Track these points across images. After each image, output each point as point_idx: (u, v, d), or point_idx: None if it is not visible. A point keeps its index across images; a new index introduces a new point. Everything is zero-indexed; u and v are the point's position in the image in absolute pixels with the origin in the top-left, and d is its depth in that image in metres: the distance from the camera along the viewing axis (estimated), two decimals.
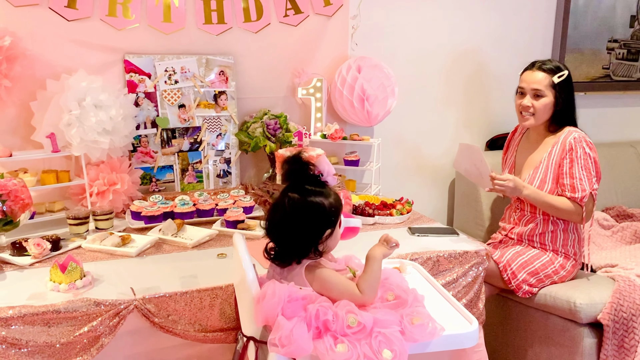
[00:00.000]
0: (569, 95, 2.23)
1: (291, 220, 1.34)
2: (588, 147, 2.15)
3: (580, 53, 3.26)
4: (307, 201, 1.34)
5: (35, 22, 2.18)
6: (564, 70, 2.21)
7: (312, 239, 1.36)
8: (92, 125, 2.10)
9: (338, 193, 1.43)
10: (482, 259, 2.00)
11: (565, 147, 2.16)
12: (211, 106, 2.51)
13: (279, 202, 1.37)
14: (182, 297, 1.60)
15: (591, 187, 2.13)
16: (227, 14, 2.48)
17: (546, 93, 2.19)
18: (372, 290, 1.35)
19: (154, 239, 1.98)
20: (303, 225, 1.35)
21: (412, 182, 3.08)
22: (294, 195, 1.35)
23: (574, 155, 2.14)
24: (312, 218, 1.35)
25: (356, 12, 2.72)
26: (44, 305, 1.48)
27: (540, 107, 2.20)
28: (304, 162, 1.38)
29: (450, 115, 3.09)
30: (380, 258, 1.38)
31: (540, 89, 2.19)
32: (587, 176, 2.13)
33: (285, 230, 1.36)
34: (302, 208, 1.34)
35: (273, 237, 1.40)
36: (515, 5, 3.07)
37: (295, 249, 1.36)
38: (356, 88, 2.58)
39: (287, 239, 1.36)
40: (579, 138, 2.16)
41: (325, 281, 1.34)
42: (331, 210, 1.36)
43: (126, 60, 2.35)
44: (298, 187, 1.36)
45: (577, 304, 2.08)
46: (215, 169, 2.56)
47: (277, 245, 1.40)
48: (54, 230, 2.06)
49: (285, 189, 1.38)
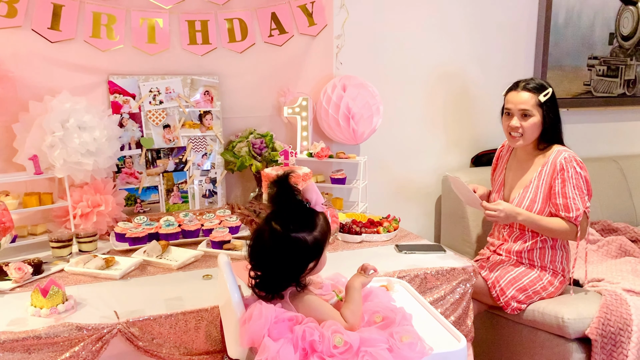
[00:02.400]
0: (555, 113, 2.23)
1: (272, 253, 1.31)
2: (579, 166, 2.16)
3: (562, 70, 3.31)
4: (289, 237, 1.30)
5: (18, 43, 2.17)
6: (548, 88, 2.22)
7: (294, 273, 1.34)
8: (75, 147, 2.08)
9: (325, 216, 1.39)
10: (469, 275, 1.99)
11: (557, 167, 2.17)
12: (196, 126, 2.51)
13: (262, 231, 1.33)
14: (167, 320, 1.57)
15: (584, 206, 2.14)
16: (211, 35, 2.49)
17: (534, 112, 2.19)
18: (355, 317, 1.35)
19: (139, 261, 1.95)
20: (284, 260, 1.31)
21: (399, 200, 3.09)
22: (276, 227, 1.30)
23: (566, 176, 2.14)
24: (293, 254, 1.31)
25: (340, 31, 2.74)
26: (25, 331, 1.44)
27: (529, 127, 2.20)
28: (291, 188, 1.34)
29: (436, 132, 3.12)
30: (359, 287, 1.40)
31: (528, 108, 2.19)
32: (580, 195, 2.13)
33: (266, 262, 1.33)
34: (284, 243, 1.30)
35: (255, 265, 1.36)
36: (496, 25, 3.12)
37: (277, 282, 1.34)
38: (341, 106, 2.60)
39: (269, 270, 1.34)
40: (569, 158, 2.16)
41: (310, 308, 1.33)
42: (315, 244, 1.32)
43: (110, 81, 2.34)
44: (282, 215, 1.32)
45: (565, 319, 2.08)
46: (201, 189, 2.55)
47: (260, 273, 1.36)
48: (37, 253, 2.03)
49: (269, 215, 1.34)
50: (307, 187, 1.36)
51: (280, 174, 1.37)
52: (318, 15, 2.66)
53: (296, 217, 1.32)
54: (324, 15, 2.68)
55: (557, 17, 3.22)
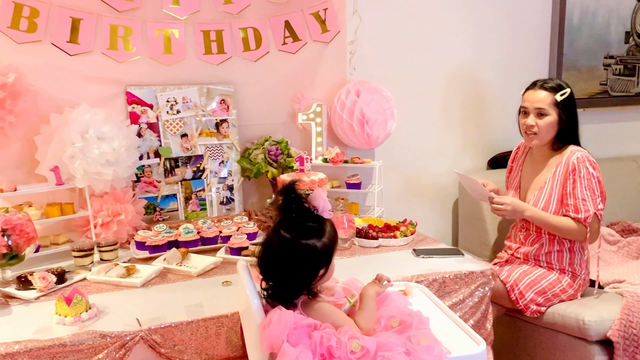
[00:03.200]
0: (572, 113, 2.22)
1: (282, 261, 1.32)
2: (592, 166, 2.14)
3: (577, 70, 3.28)
4: (299, 243, 1.31)
5: (38, 57, 2.22)
6: (566, 88, 2.21)
7: (305, 280, 1.34)
8: (95, 157, 2.12)
9: (333, 224, 1.39)
10: (488, 278, 1.99)
11: (569, 168, 2.15)
12: (213, 134, 2.54)
13: (271, 239, 1.34)
14: (187, 326, 1.59)
15: (595, 208, 2.11)
16: (226, 44, 2.52)
17: (549, 112, 2.18)
18: (368, 324, 1.36)
19: (159, 269, 1.98)
20: (294, 268, 1.32)
21: (415, 203, 3.08)
22: (285, 235, 1.31)
23: (577, 176, 2.13)
24: (303, 261, 1.32)
25: (353, 37, 2.76)
26: (50, 339, 1.47)
27: (544, 126, 2.19)
28: (298, 195, 1.34)
29: (451, 135, 3.11)
30: (373, 295, 1.41)
31: (544, 107, 2.18)
32: (591, 196, 2.11)
33: (276, 270, 1.34)
34: (294, 250, 1.31)
35: (265, 274, 1.37)
36: (510, 26, 3.11)
37: (288, 290, 1.34)
38: (355, 112, 2.61)
39: (279, 278, 1.35)
40: (582, 158, 2.15)
41: (323, 316, 1.33)
42: (324, 250, 1.33)
43: (128, 92, 2.38)
44: (290, 223, 1.33)
45: (585, 321, 2.06)
46: (219, 196, 2.57)
47: (270, 282, 1.37)
48: (59, 262, 2.07)
49: (277, 224, 1.35)
50: (314, 195, 1.37)
51: (286, 183, 1.38)
52: (331, 22, 2.68)
53: (304, 224, 1.33)
54: (337, 21, 2.70)
55: (571, 17, 3.20)
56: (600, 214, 2.14)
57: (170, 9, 2.40)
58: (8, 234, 1.82)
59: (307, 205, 1.35)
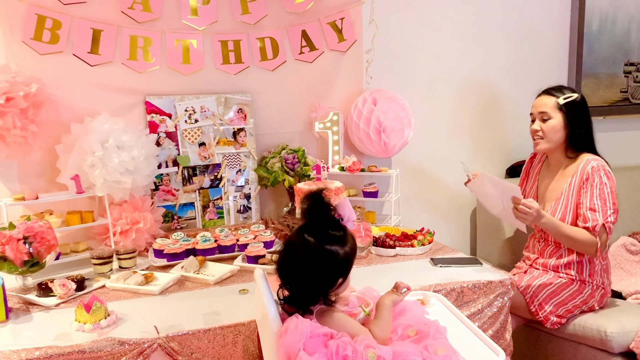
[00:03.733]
0: (583, 118, 2.19)
1: (303, 264, 1.31)
2: (606, 175, 2.10)
3: (597, 77, 3.25)
4: (323, 248, 1.30)
5: (59, 68, 2.27)
6: (572, 93, 2.19)
7: (323, 287, 1.34)
8: (114, 166, 2.15)
9: (354, 237, 1.39)
10: (507, 288, 1.96)
11: (583, 177, 2.12)
12: (230, 143, 2.56)
13: (294, 242, 1.34)
14: (205, 334, 1.60)
15: (604, 219, 2.06)
16: (244, 54, 2.54)
17: (552, 115, 2.17)
18: (383, 334, 1.35)
19: (177, 277, 1.99)
20: (315, 272, 1.31)
21: (433, 212, 3.07)
22: (310, 239, 1.31)
23: (590, 184, 2.10)
24: (325, 266, 1.31)
25: (370, 46, 2.77)
26: (70, 346, 1.49)
27: (548, 129, 2.18)
28: (325, 203, 1.34)
29: (469, 143, 3.09)
30: (390, 304, 1.40)
31: (546, 110, 2.18)
32: (602, 207, 2.07)
33: (296, 274, 1.33)
34: (317, 254, 1.30)
35: (283, 277, 1.36)
36: (528, 33, 3.10)
37: (305, 295, 1.34)
38: (372, 120, 2.61)
39: (298, 283, 1.34)
40: (598, 167, 2.11)
41: (339, 325, 1.32)
42: (346, 259, 1.33)
43: (147, 101, 2.42)
44: (315, 228, 1.33)
45: (607, 333, 2.03)
46: (236, 205, 2.59)
47: (287, 286, 1.37)
48: (79, 270, 2.09)
49: (301, 227, 1.35)
50: (341, 203, 1.37)
51: (314, 188, 1.38)
52: (347, 31, 2.70)
53: (328, 231, 1.33)
54: (354, 30, 2.71)
55: (590, 24, 3.17)
56: (609, 226, 2.07)
57: (189, 19, 2.43)
58: (29, 242, 1.85)
59: (334, 213, 1.35)
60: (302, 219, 1.37)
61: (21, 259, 1.83)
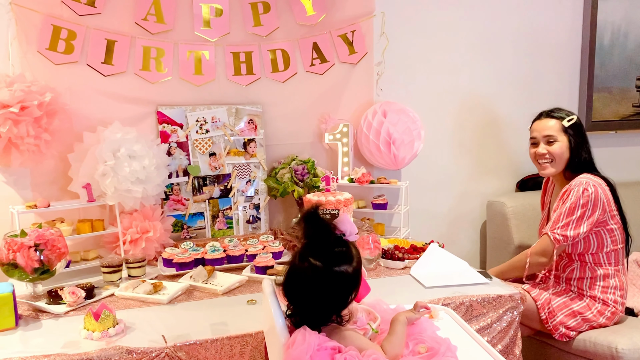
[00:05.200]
0: (582, 140, 2.21)
1: (314, 289, 1.28)
2: (577, 193, 2.07)
3: (609, 92, 3.23)
4: (332, 271, 1.27)
5: (73, 78, 2.30)
6: (572, 115, 2.22)
7: (337, 307, 1.31)
8: (126, 175, 2.16)
9: (357, 247, 1.35)
10: (517, 303, 1.94)
11: (562, 192, 2.15)
12: (241, 154, 2.57)
13: (299, 268, 1.29)
14: (212, 344, 1.60)
15: (551, 229, 2.11)
16: (255, 66, 2.56)
17: (559, 137, 2.19)
18: (395, 350, 1.32)
19: (185, 286, 2.00)
20: (327, 295, 1.28)
21: (442, 225, 3.06)
22: (316, 263, 1.26)
23: (562, 198, 2.14)
24: (337, 288, 1.28)
25: (380, 58, 2.78)
26: (78, 354, 1.50)
27: (557, 151, 2.19)
28: (323, 221, 1.31)
29: (479, 156, 3.08)
30: (404, 321, 1.37)
31: (552, 134, 2.19)
32: (555, 218, 2.11)
33: (306, 298, 1.30)
34: (327, 278, 1.27)
35: (292, 301, 1.33)
36: (540, 47, 3.10)
37: (317, 317, 1.31)
38: (382, 132, 2.61)
39: (308, 306, 1.31)
40: (578, 183, 2.10)
41: (348, 342, 1.30)
42: (355, 274, 1.30)
43: (159, 111, 2.44)
44: (318, 249, 1.29)
45: (619, 349, 2.00)
46: (245, 215, 2.59)
47: (296, 311, 1.33)
48: (89, 278, 2.11)
49: (304, 252, 1.29)
50: (340, 219, 1.33)
51: (308, 209, 1.34)
52: (358, 44, 2.71)
53: (333, 250, 1.30)
54: (364, 43, 2.73)
55: (602, 38, 3.16)
56: (555, 236, 2.09)
57: (201, 31, 2.46)
58: (40, 249, 1.86)
59: (334, 230, 1.33)
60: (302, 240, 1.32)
61: (32, 266, 1.85)
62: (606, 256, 2.15)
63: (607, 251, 2.14)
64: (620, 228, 2.15)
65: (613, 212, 2.13)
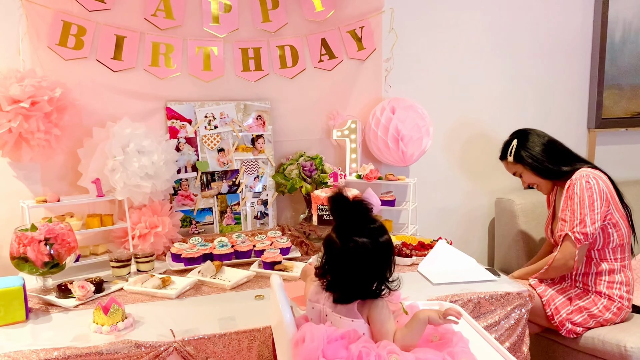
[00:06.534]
0: (540, 151, 2.25)
1: (367, 264, 1.31)
2: (580, 187, 2.09)
3: (619, 89, 3.21)
4: (379, 243, 1.32)
5: (83, 73, 2.31)
6: (511, 142, 2.32)
7: (386, 274, 1.35)
8: (135, 170, 2.17)
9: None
10: (525, 300, 1.94)
11: (566, 189, 2.17)
12: (249, 150, 2.57)
13: (345, 249, 1.31)
14: (220, 339, 1.61)
15: (570, 228, 2.08)
16: (264, 62, 2.56)
17: (519, 171, 2.33)
18: (405, 342, 1.33)
19: (194, 281, 2.01)
20: (378, 267, 1.33)
21: (450, 222, 3.05)
22: (364, 240, 1.30)
23: (566, 196, 2.15)
24: (385, 257, 1.33)
25: (389, 55, 2.77)
26: (87, 347, 1.51)
27: (530, 180, 2.33)
28: (357, 202, 1.35)
29: (487, 153, 3.06)
30: (425, 321, 1.35)
31: (513, 172, 2.37)
32: (570, 217, 2.10)
33: (359, 275, 1.32)
34: (376, 251, 1.31)
35: (341, 284, 1.34)
36: (550, 43, 3.08)
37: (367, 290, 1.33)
38: (390, 129, 2.61)
39: (362, 282, 1.33)
40: (576, 178, 2.13)
41: (380, 315, 1.33)
42: (391, 241, 1.37)
43: (168, 107, 2.45)
44: (360, 228, 1.32)
45: (627, 347, 1.99)
46: (253, 211, 2.60)
47: (346, 289, 1.34)
48: (98, 272, 2.12)
49: (344, 233, 1.32)
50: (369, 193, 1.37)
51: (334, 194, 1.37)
52: (367, 40, 2.70)
53: (373, 225, 1.34)
54: (373, 39, 2.72)
55: (613, 35, 3.14)
56: (576, 236, 2.07)
57: (210, 27, 2.46)
58: (50, 243, 1.88)
59: (367, 205, 1.35)
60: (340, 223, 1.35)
61: (42, 260, 1.86)
62: (612, 251, 2.14)
63: (612, 246, 2.14)
64: (626, 221, 2.15)
65: (617, 204, 2.12)
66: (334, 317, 1.35)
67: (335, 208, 1.36)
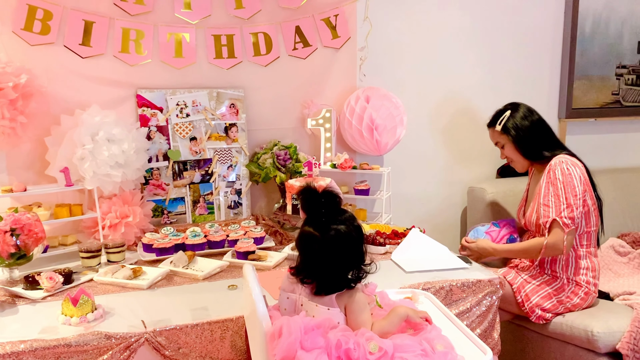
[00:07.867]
0: (527, 127, 2.26)
1: (347, 250, 1.35)
2: (561, 171, 2.13)
3: (589, 79, 3.26)
4: (355, 227, 1.36)
5: (50, 59, 2.24)
6: (504, 112, 2.31)
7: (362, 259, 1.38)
8: (104, 159, 2.13)
9: None
10: (495, 287, 1.97)
11: (546, 174, 2.18)
12: (222, 138, 2.54)
13: (325, 239, 1.33)
14: (192, 329, 1.59)
15: (557, 214, 2.09)
16: (237, 49, 2.53)
17: (502, 141, 2.33)
18: (382, 333, 1.35)
19: (165, 271, 1.98)
20: (357, 251, 1.37)
21: (424, 211, 3.07)
22: (342, 227, 1.34)
23: (546, 181, 2.17)
24: (360, 241, 1.37)
25: (364, 43, 2.76)
26: (55, 339, 1.48)
27: (509, 153, 2.34)
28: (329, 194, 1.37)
29: (460, 143, 3.10)
30: (403, 316, 1.39)
31: (497, 140, 2.37)
32: (555, 202, 2.11)
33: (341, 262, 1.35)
34: (355, 235, 1.35)
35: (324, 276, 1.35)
36: (522, 34, 3.10)
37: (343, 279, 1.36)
38: (365, 118, 2.61)
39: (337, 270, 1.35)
40: (555, 164, 2.16)
41: (357, 307, 1.35)
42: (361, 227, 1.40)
43: (139, 94, 2.40)
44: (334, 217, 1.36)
45: (594, 332, 2.04)
46: (226, 200, 2.58)
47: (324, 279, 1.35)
48: (67, 263, 2.08)
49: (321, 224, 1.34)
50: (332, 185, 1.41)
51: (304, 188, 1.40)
52: (341, 28, 2.69)
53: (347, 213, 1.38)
54: (347, 27, 2.71)
55: (583, 26, 3.18)
56: (564, 221, 2.08)
57: (182, 13, 2.42)
58: (17, 234, 1.83)
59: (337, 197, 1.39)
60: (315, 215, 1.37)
61: (8, 252, 1.82)
62: (579, 238, 2.19)
63: (580, 233, 2.18)
64: (596, 210, 2.19)
65: (592, 192, 2.17)
66: (309, 305, 1.36)
67: (307, 202, 1.38)
